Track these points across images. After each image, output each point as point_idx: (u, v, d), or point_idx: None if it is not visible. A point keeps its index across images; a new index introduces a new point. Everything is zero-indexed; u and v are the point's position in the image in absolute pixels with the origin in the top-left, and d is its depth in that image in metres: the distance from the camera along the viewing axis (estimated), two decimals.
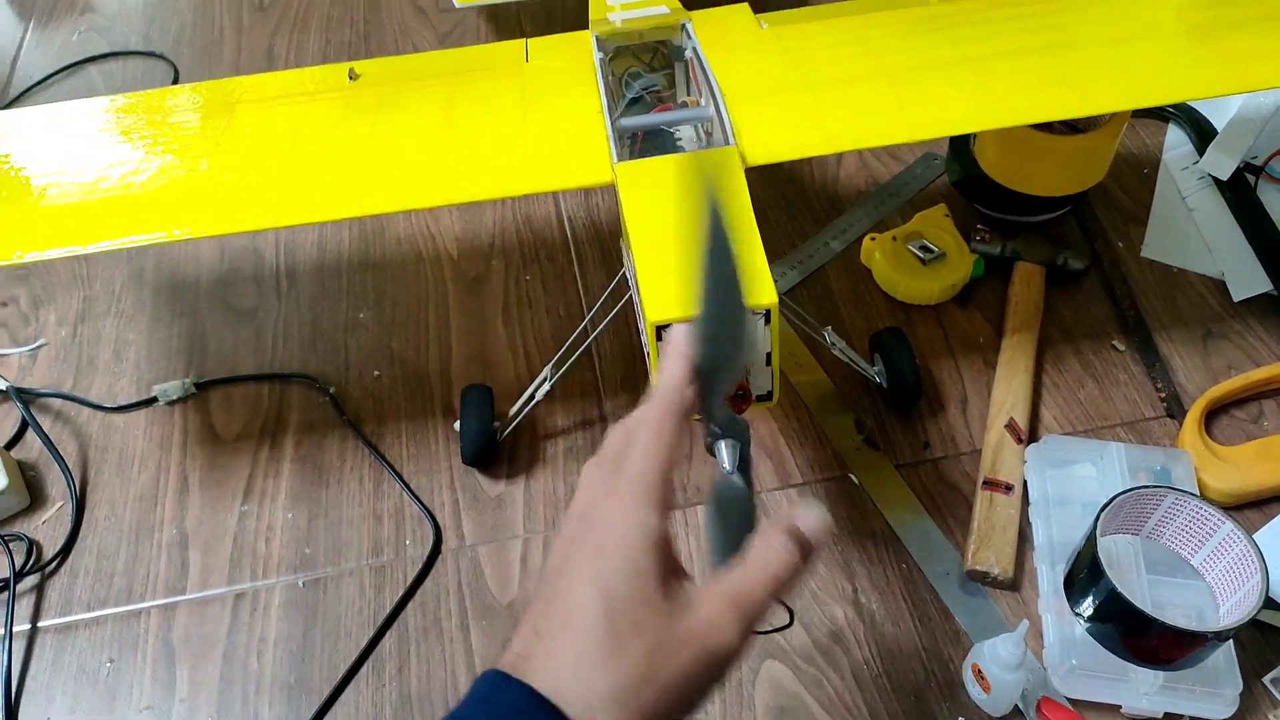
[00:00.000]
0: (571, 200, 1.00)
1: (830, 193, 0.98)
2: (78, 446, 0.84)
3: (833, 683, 0.67)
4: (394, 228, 0.99)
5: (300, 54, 1.20)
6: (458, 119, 0.71)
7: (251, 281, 0.96)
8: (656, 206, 0.60)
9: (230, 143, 0.71)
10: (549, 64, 0.76)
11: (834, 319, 0.87)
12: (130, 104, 0.77)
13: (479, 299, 0.92)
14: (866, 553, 0.73)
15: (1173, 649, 0.61)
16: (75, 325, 0.93)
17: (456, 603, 0.73)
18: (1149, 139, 1.01)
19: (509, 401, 0.80)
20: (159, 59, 1.21)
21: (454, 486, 0.79)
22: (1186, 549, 0.68)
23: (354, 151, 0.70)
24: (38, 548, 0.78)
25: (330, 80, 0.76)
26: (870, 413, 0.81)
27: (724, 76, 0.70)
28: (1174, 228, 0.93)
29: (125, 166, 0.70)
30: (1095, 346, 0.84)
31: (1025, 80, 0.69)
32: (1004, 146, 0.87)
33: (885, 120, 0.66)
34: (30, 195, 0.69)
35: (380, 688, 0.69)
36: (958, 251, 0.87)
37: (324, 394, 0.85)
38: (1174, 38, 0.72)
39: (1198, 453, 0.74)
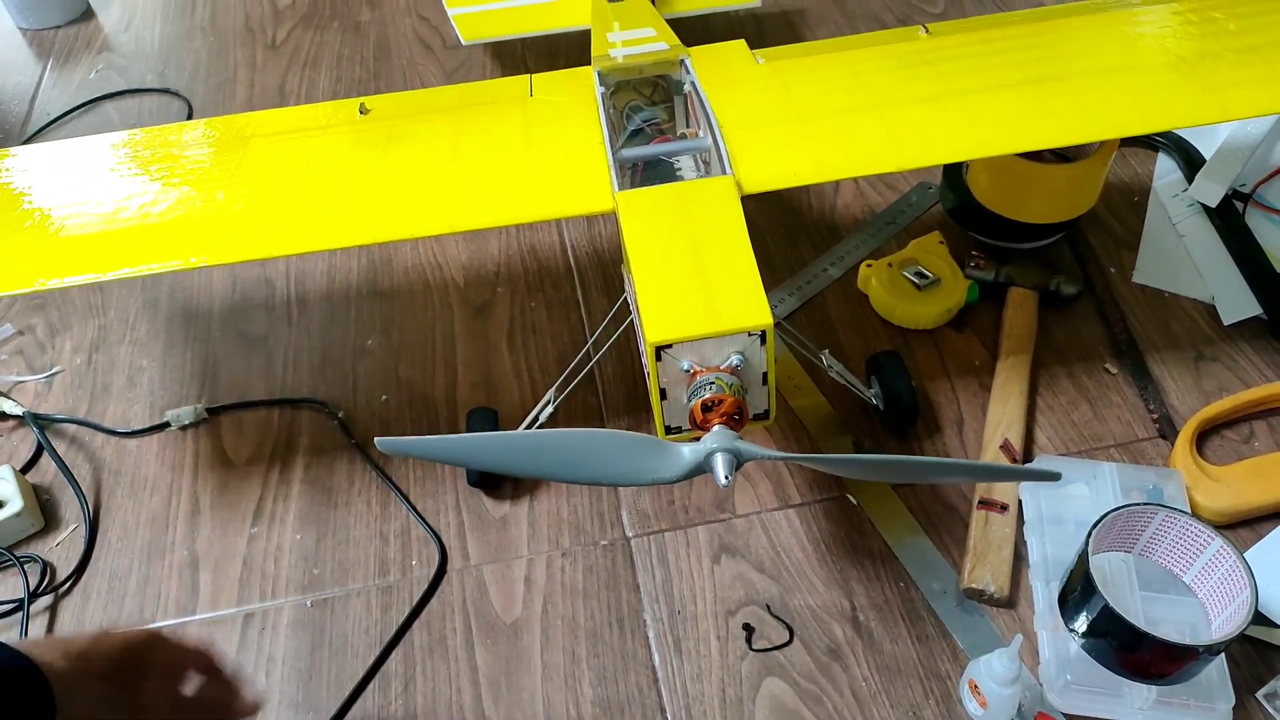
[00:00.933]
0: (575, 229, 1.02)
1: (828, 221, 1.00)
2: (91, 470, 0.86)
3: (832, 699, 0.68)
4: (401, 257, 1.01)
5: (311, 90, 1.24)
6: (464, 150, 0.74)
7: (263, 309, 0.98)
8: (656, 232, 0.63)
9: (244, 175, 0.74)
10: (552, 98, 0.78)
11: (832, 343, 0.89)
12: (147, 138, 0.79)
13: (484, 325, 0.94)
14: (865, 571, 0.75)
15: (1165, 664, 0.62)
16: (90, 353, 0.95)
17: (461, 621, 0.74)
18: (1139, 167, 1.03)
19: (514, 424, 0.82)
20: (174, 96, 1.24)
21: (459, 508, 0.80)
22: (1178, 566, 0.69)
23: (364, 182, 0.72)
24: (51, 569, 0.79)
25: (341, 115, 0.79)
26: (868, 434, 0.83)
27: (721, 109, 0.72)
28: (1165, 253, 0.95)
29: (143, 198, 0.72)
30: (1088, 369, 0.86)
31: (1012, 111, 0.71)
32: (996, 175, 0.89)
33: (876, 150, 0.69)
34: (50, 226, 0.71)
35: (386, 705, 0.70)
36: (952, 277, 0.89)
37: (333, 418, 0.87)
38: (1157, 69, 0.74)
39: (1189, 472, 0.75)
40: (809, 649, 0.71)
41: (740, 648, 0.71)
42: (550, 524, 0.79)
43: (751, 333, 0.57)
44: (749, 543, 0.77)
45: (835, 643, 0.71)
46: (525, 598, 0.75)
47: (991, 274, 0.90)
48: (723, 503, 0.79)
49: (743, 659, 0.71)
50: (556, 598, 0.75)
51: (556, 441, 0.54)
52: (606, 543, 0.78)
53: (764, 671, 0.70)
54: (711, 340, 0.57)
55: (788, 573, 0.75)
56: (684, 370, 0.58)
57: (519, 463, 0.56)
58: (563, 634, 0.73)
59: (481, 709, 0.70)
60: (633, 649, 0.72)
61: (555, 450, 0.54)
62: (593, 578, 0.76)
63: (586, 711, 0.69)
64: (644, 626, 0.73)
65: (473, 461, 0.62)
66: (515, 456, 0.55)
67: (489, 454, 0.56)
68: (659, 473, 0.54)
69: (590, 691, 0.70)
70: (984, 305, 0.90)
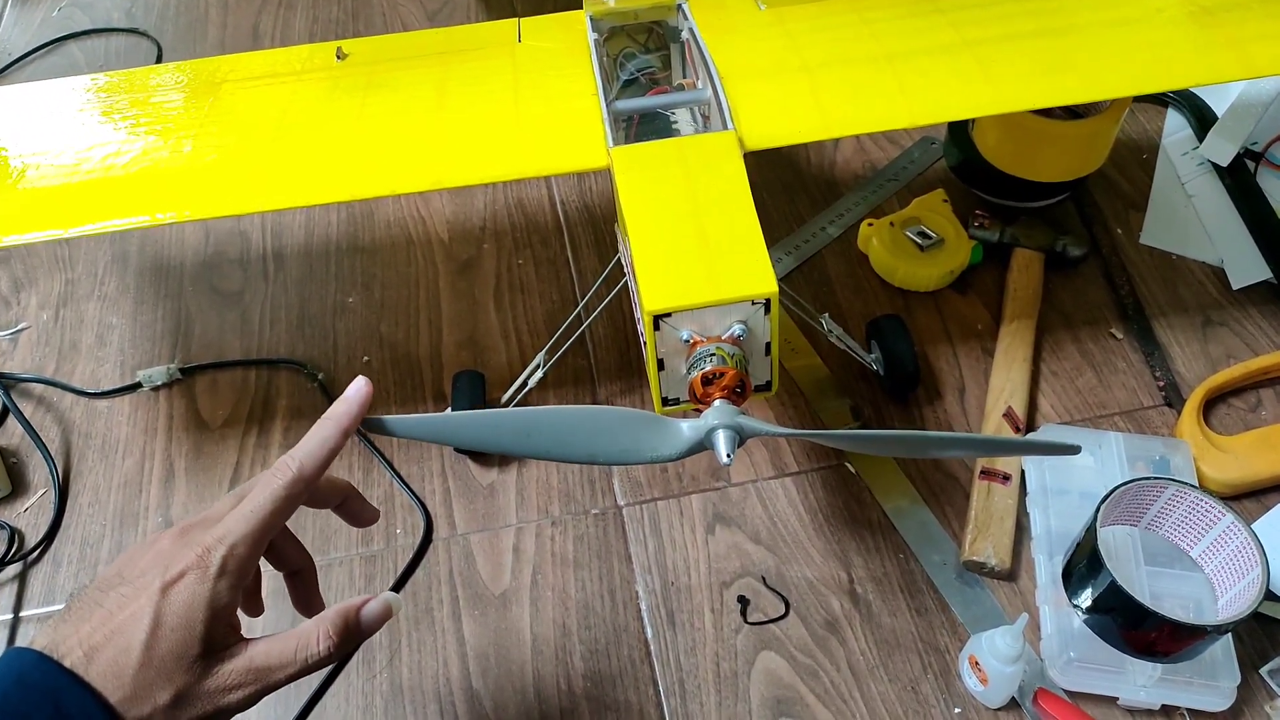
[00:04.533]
0: (564, 184, 0.98)
1: (827, 177, 0.97)
2: (60, 432, 0.82)
3: (829, 673, 0.67)
4: (383, 210, 0.97)
5: (287, 32, 1.18)
6: (449, 100, 0.69)
7: (238, 264, 0.94)
8: (654, 192, 0.59)
9: (215, 124, 0.70)
10: (542, 44, 0.74)
11: (831, 305, 0.86)
12: (112, 83, 0.75)
13: (470, 283, 0.91)
14: (863, 542, 0.73)
15: (1171, 642, 0.60)
16: (57, 309, 0.91)
17: (448, 592, 0.72)
18: (1148, 124, 1.00)
19: (501, 388, 0.79)
20: (142, 36, 1.19)
21: (445, 474, 0.78)
22: (1186, 540, 0.67)
23: (342, 133, 0.68)
24: (19, 536, 0.76)
25: (318, 59, 0.74)
26: (867, 400, 0.81)
27: (721, 59, 0.68)
28: (1173, 214, 0.92)
29: (107, 148, 0.68)
30: (1093, 334, 0.84)
31: (1027, 65, 0.68)
32: (1004, 131, 0.86)
33: (885, 105, 0.65)
34: (9, 177, 0.67)
35: (371, 678, 0.68)
36: (956, 237, 0.86)
37: (312, 379, 0.84)
38: (1178, 22, 0.70)
39: (1196, 442, 0.74)
40: (805, 622, 0.69)
41: (735, 620, 0.69)
42: (539, 492, 0.76)
43: (755, 301, 0.54)
44: (744, 512, 0.74)
45: (832, 615, 0.69)
46: (514, 568, 0.73)
47: (996, 234, 0.87)
48: (717, 471, 0.77)
49: (738, 632, 0.69)
50: (546, 568, 0.73)
51: (549, 420, 0.52)
52: (598, 511, 0.75)
53: (759, 645, 0.68)
54: (713, 309, 0.54)
55: (784, 543, 0.73)
56: (683, 340, 0.55)
57: (510, 442, 0.53)
58: (553, 605, 0.71)
59: (469, 682, 0.68)
60: (625, 621, 0.70)
61: (548, 429, 0.51)
62: (583, 548, 0.74)
63: (577, 685, 0.67)
64: (636, 598, 0.71)
65: (460, 441, 0.59)
66: (505, 436, 0.52)
67: (477, 433, 0.53)
68: (658, 450, 0.52)
69: (581, 665, 0.68)
70: (988, 266, 0.87)
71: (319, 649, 0.47)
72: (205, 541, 0.45)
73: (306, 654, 0.46)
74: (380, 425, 0.51)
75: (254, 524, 0.46)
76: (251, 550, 0.46)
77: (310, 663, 0.46)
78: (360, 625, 0.48)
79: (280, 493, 0.47)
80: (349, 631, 0.48)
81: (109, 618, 0.44)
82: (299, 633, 0.47)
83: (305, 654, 0.46)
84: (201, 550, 0.45)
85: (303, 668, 0.46)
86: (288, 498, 0.47)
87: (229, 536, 0.46)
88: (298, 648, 0.46)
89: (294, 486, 0.47)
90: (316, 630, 0.47)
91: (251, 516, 0.46)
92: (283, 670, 0.46)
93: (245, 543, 0.46)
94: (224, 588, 0.45)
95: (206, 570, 0.45)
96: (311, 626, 0.47)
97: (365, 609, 0.49)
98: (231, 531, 0.46)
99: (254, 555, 0.47)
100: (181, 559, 0.45)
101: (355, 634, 0.48)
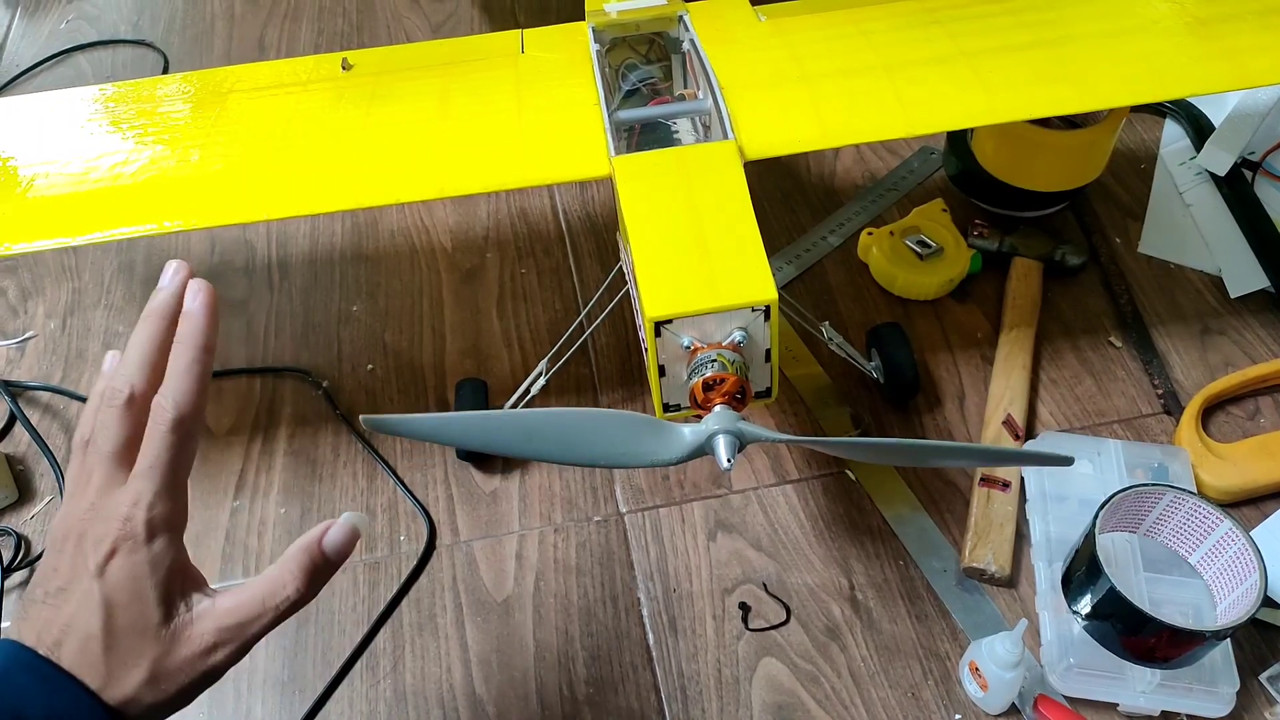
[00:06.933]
0: (566, 193, 0.99)
1: (827, 186, 0.98)
2: (66, 440, 0.83)
3: (830, 680, 0.67)
4: (387, 220, 0.98)
5: (292, 44, 1.19)
6: (452, 110, 0.70)
7: (243, 273, 0.95)
8: (655, 200, 0.60)
9: (222, 133, 0.70)
10: (545, 55, 0.75)
11: (831, 313, 0.86)
12: (120, 93, 0.75)
13: (473, 292, 0.91)
14: (863, 549, 0.73)
15: (1171, 648, 0.61)
16: (64, 317, 0.92)
17: (451, 599, 0.72)
18: (1146, 134, 1.01)
19: (503, 396, 0.80)
20: (149, 48, 1.20)
21: (448, 482, 0.78)
22: (1184, 547, 0.68)
23: (347, 143, 0.69)
24: (26, 543, 0.77)
25: (323, 70, 0.75)
26: (867, 407, 0.81)
27: (722, 69, 0.69)
28: (1171, 223, 0.92)
29: (115, 157, 0.69)
30: (1092, 342, 0.84)
31: (1024, 75, 0.68)
32: (1002, 141, 0.87)
33: (884, 115, 0.66)
34: (18, 186, 0.68)
35: (374, 684, 0.69)
36: (955, 246, 0.87)
37: (316, 388, 0.85)
38: (1174, 32, 0.71)
39: (1195, 450, 0.74)
40: (806, 628, 0.69)
41: (736, 627, 0.70)
42: (542, 499, 0.77)
43: (755, 308, 0.54)
44: (745, 519, 0.75)
45: (833, 622, 0.70)
46: (517, 574, 0.73)
47: (995, 243, 0.88)
48: (719, 479, 0.77)
49: (739, 638, 0.69)
50: (549, 574, 0.73)
51: (551, 422, 0.52)
52: (600, 519, 0.76)
53: (761, 651, 0.69)
54: (713, 316, 0.54)
55: (785, 550, 0.73)
56: (684, 347, 0.55)
57: (512, 444, 0.53)
58: (555, 612, 0.71)
59: (472, 688, 0.68)
60: (627, 627, 0.70)
61: (550, 431, 0.52)
62: (586, 554, 0.74)
63: (580, 691, 0.68)
64: (638, 605, 0.71)
65: (462, 442, 0.59)
66: (508, 437, 0.53)
67: (480, 434, 0.54)
68: (658, 454, 0.52)
69: (583, 671, 0.69)
70: (987, 275, 0.88)
71: (289, 593, 0.45)
72: (121, 510, 0.43)
73: (277, 601, 0.45)
74: (384, 425, 0.51)
75: (160, 478, 0.44)
76: (172, 503, 0.44)
77: (283, 608, 0.45)
78: (327, 558, 0.46)
79: (172, 440, 0.44)
80: (316, 568, 0.46)
81: (56, 612, 0.43)
82: (264, 579, 0.45)
83: (275, 601, 0.45)
84: (121, 520, 0.43)
85: (276, 615, 0.45)
86: (181, 441, 0.45)
87: (143, 498, 0.44)
88: (266, 596, 0.45)
89: (181, 428, 0.45)
90: (282, 574, 0.45)
91: (153, 472, 0.44)
92: (257, 622, 0.44)
93: (161, 499, 0.44)
94: (160, 549, 0.43)
95: (135, 538, 0.43)
96: (276, 571, 0.45)
97: (327, 539, 0.46)
98: (143, 492, 0.44)
99: (178, 507, 0.45)
100: (106, 534, 0.43)
101: (323, 568, 0.46)
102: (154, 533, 0.43)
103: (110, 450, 0.45)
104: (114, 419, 0.45)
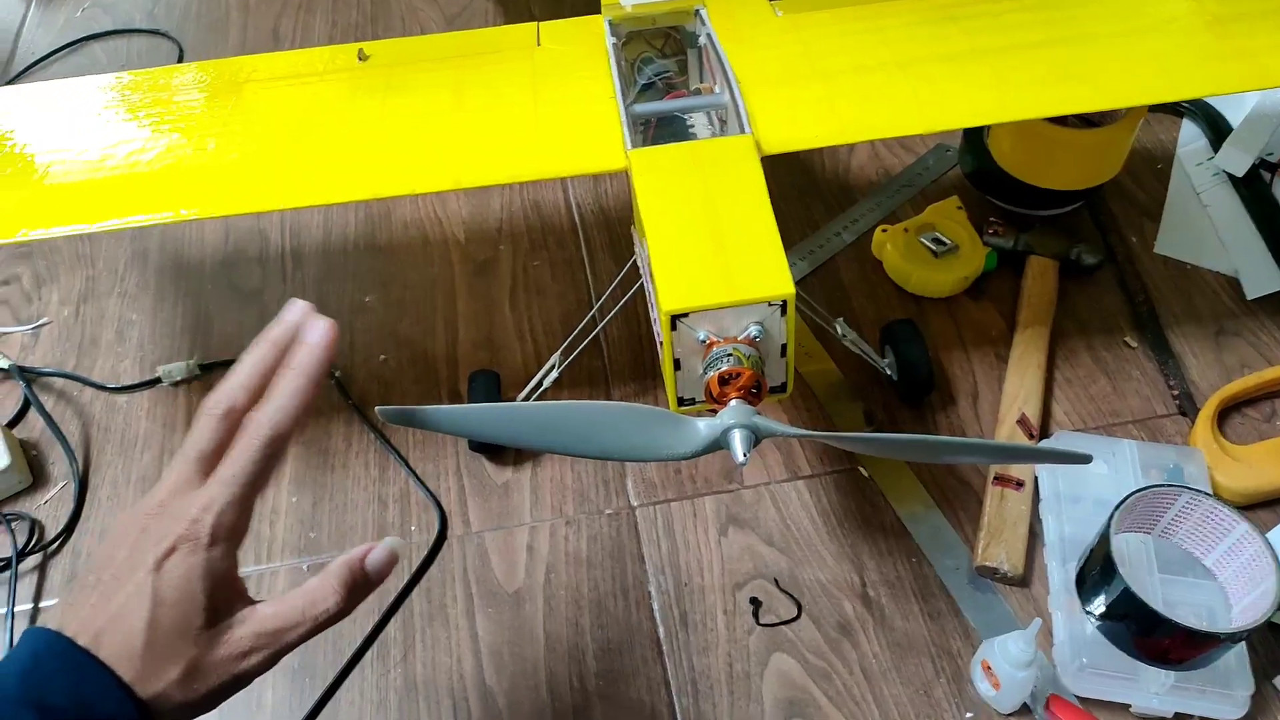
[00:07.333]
0: (580, 186, 0.99)
1: (841, 182, 0.97)
2: (80, 426, 0.83)
3: (841, 676, 0.67)
4: (400, 211, 0.98)
5: (306, 35, 1.19)
6: (468, 102, 0.70)
7: (257, 263, 0.95)
8: (672, 194, 0.60)
9: (238, 123, 0.70)
10: (561, 48, 0.75)
11: (844, 310, 0.86)
12: (137, 81, 0.75)
13: (486, 284, 0.91)
14: (876, 546, 0.73)
15: (1185, 649, 0.61)
16: (78, 304, 0.92)
17: (462, 589, 0.72)
18: (1163, 134, 1.00)
19: (516, 388, 0.80)
20: (164, 37, 1.20)
21: (460, 473, 0.78)
22: (1199, 548, 0.67)
23: (363, 134, 0.69)
24: (40, 527, 0.77)
25: (340, 61, 0.75)
26: (880, 404, 0.81)
27: (738, 64, 0.69)
28: (1188, 224, 0.92)
29: (131, 145, 0.69)
30: (1108, 342, 0.84)
31: (1042, 73, 0.68)
32: (1019, 139, 0.86)
33: (901, 111, 0.66)
34: (34, 173, 0.68)
35: (385, 674, 0.69)
36: (970, 244, 0.86)
37: (329, 377, 0.85)
38: (1194, 31, 0.71)
39: (1210, 451, 0.74)
40: (818, 624, 0.69)
41: (748, 622, 0.70)
42: (554, 491, 0.77)
43: (772, 303, 0.54)
44: (757, 514, 0.75)
45: (845, 618, 0.70)
46: (528, 566, 0.73)
47: (1010, 241, 0.88)
48: (731, 473, 0.77)
49: (750, 634, 0.69)
50: (560, 567, 0.73)
51: (567, 415, 0.52)
52: (611, 511, 0.76)
53: (772, 647, 0.69)
54: (730, 310, 0.54)
55: (797, 546, 0.73)
56: (700, 341, 0.55)
57: (527, 436, 0.53)
58: (566, 604, 0.71)
59: (483, 678, 0.68)
60: (638, 621, 0.70)
61: (566, 424, 0.51)
62: (597, 547, 0.74)
63: (590, 684, 0.68)
64: (649, 598, 0.71)
65: (478, 433, 0.59)
66: (523, 429, 0.53)
67: (496, 426, 0.54)
68: (674, 449, 0.52)
69: (594, 663, 0.69)
70: (1002, 274, 0.87)
71: (329, 605, 0.46)
72: (191, 512, 0.44)
73: (316, 612, 0.46)
74: (401, 417, 0.51)
75: (239, 489, 0.45)
76: (240, 514, 0.45)
77: (321, 620, 0.46)
78: (368, 576, 0.48)
79: (259, 455, 0.45)
80: (356, 584, 0.47)
81: (106, 601, 0.43)
82: (306, 591, 0.46)
83: (315, 612, 0.46)
84: (189, 521, 0.44)
85: (314, 626, 0.46)
86: (269, 456, 0.46)
87: (215, 503, 0.44)
88: (305, 606, 0.46)
89: (271, 446, 0.46)
90: (324, 587, 0.46)
91: (233, 481, 0.45)
92: (294, 631, 0.45)
93: (232, 508, 0.45)
94: (218, 555, 0.44)
95: (198, 540, 0.44)
96: (318, 584, 0.47)
97: (370, 559, 0.48)
98: (217, 498, 0.45)
99: (244, 518, 0.46)
100: (169, 533, 0.44)
101: (363, 585, 0.47)
102: (216, 539, 0.44)
103: (194, 455, 0.46)
104: (207, 427, 0.47)
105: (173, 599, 0.43)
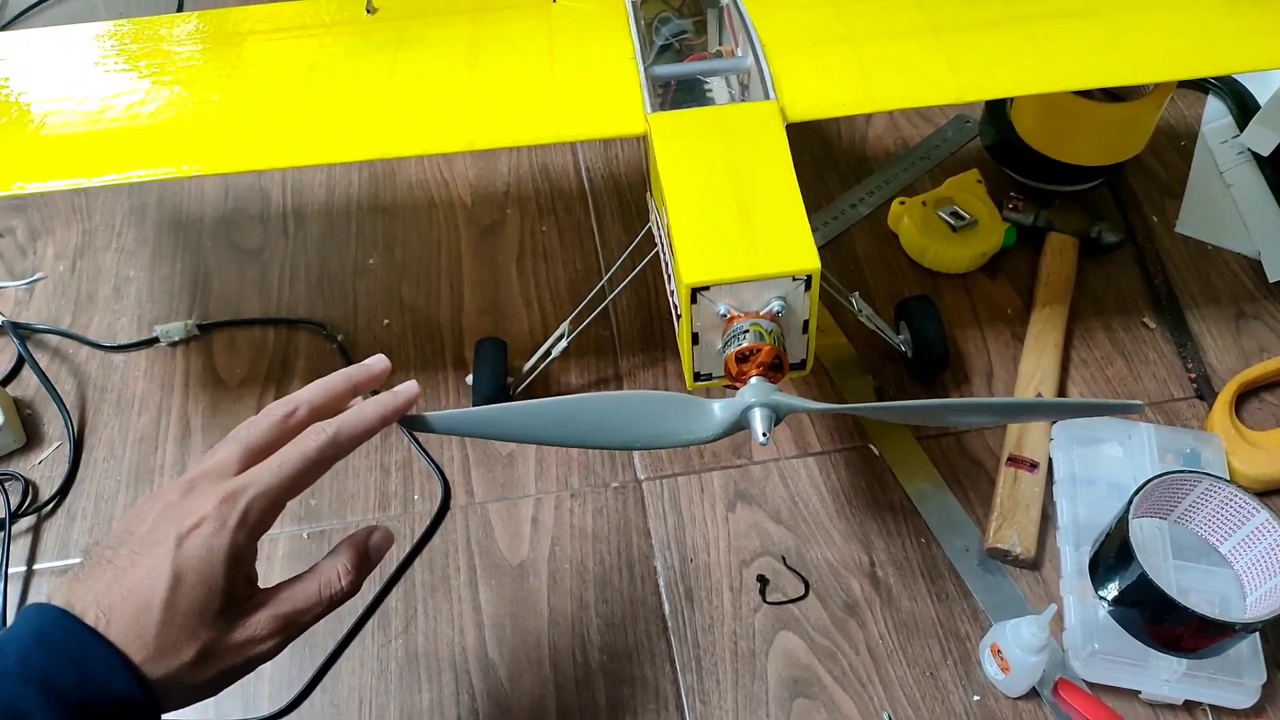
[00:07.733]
0: (590, 150, 0.97)
1: (858, 153, 0.95)
2: (76, 385, 0.81)
3: (847, 656, 0.66)
4: (405, 171, 0.96)
5: None
6: (481, 60, 0.68)
7: (257, 221, 0.92)
8: (693, 161, 0.58)
9: (241, 76, 0.68)
10: (579, 5, 0.72)
11: (858, 284, 0.85)
12: (135, 30, 0.73)
13: (492, 248, 0.89)
14: (885, 525, 0.72)
15: (1198, 637, 0.60)
16: (74, 259, 0.90)
17: (465, 560, 0.71)
18: (1187, 110, 0.98)
19: (522, 355, 0.78)
20: None
21: (464, 442, 0.77)
22: (1215, 536, 0.66)
23: (371, 90, 0.67)
24: (34, 488, 0.76)
25: (346, 13, 0.73)
26: (892, 381, 0.79)
27: (763, 26, 0.66)
28: (1210, 203, 0.90)
29: (131, 96, 0.66)
30: (1126, 323, 0.82)
31: (1077, 43, 0.66)
32: (1043, 112, 0.84)
33: (934, 80, 0.63)
34: (30, 123, 0.65)
35: (386, 644, 0.68)
36: (989, 219, 0.84)
37: (331, 341, 0.83)
38: (1223, 5, 0.68)
39: (1227, 436, 0.72)
40: (825, 603, 0.68)
41: (754, 600, 0.69)
42: (559, 463, 0.76)
43: (796, 277, 0.53)
44: (765, 491, 0.74)
45: (852, 598, 0.69)
46: (532, 539, 0.72)
47: (1030, 217, 0.86)
48: (739, 449, 0.76)
49: (756, 611, 0.68)
50: (565, 540, 0.72)
51: (586, 407, 0.50)
52: (617, 485, 0.74)
53: (778, 625, 0.68)
54: (752, 284, 0.53)
55: (805, 524, 0.72)
56: (720, 315, 0.53)
57: (547, 432, 0.51)
58: (570, 578, 0.70)
59: (485, 651, 0.67)
60: (642, 596, 0.69)
61: (585, 417, 0.50)
62: (602, 520, 0.73)
63: (593, 658, 0.67)
64: (654, 574, 0.70)
65: (498, 434, 0.57)
66: (544, 427, 0.51)
67: (515, 425, 0.51)
68: (694, 433, 0.50)
69: (598, 638, 0.68)
70: (1020, 250, 0.86)
71: (342, 584, 0.47)
72: (224, 491, 0.44)
73: (330, 591, 0.46)
74: (422, 422, 0.50)
75: (282, 479, 0.45)
76: (273, 505, 0.45)
77: (336, 600, 0.47)
78: (370, 556, 0.49)
79: (313, 455, 0.46)
80: (363, 563, 0.48)
81: (121, 575, 0.43)
82: (318, 571, 0.47)
83: (329, 591, 0.46)
84: (220, 500, 0.43)
85: (328, 606, 0.46)
86: (319, 460, 0.46)
87: (253, 487, 0.44)
88: (320, 586, 0.46)
89: (326, 450, 0.46)
90: (335, 567, 0.47)
91: (280, 471, 0.45)
92: (310, 612, 0.46)
93: (268, 496, 0.44)
94: (243, 538, 0.44)
95: (225, 521, 0.43)
96: (329, 564, 0.47)
97: (373, 540, 0.49)
98: (256, 482, 0.44)
99: (275, 511, 0.45)
100: (197, 510, 0.43)
101: (368, 565, 0.49)
102: (243, 524, 0.44)
103: (244, 444, 0.46)
104: (265, 423, 0.47)
105: (192, 579, 0.42)
